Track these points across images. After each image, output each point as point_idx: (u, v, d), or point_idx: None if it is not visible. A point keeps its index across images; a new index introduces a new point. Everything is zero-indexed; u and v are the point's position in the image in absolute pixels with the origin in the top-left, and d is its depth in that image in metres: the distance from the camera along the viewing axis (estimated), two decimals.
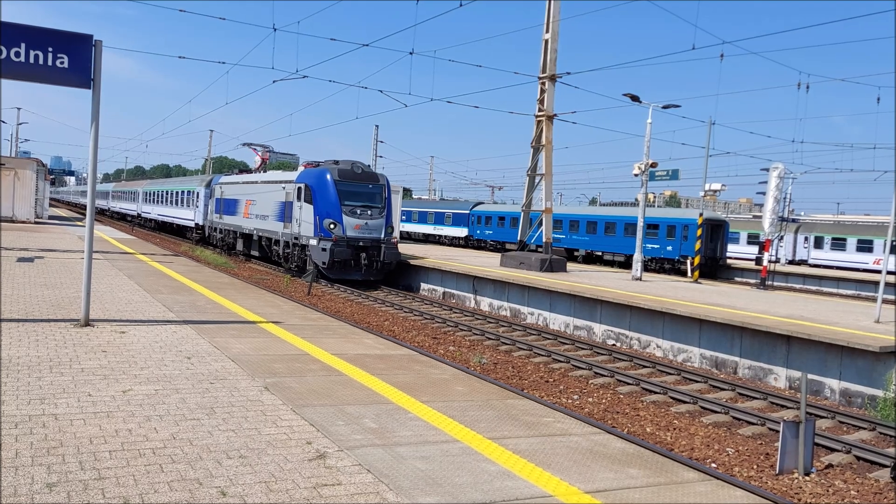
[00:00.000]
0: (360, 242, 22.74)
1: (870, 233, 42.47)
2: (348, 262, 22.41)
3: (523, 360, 13.42)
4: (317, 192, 23.01)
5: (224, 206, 32.97)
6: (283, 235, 25.33)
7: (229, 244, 32.47)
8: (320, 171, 23.54)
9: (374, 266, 22.96)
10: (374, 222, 23.15)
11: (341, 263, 22.30)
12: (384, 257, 22.96)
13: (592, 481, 4.83)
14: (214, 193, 34.78)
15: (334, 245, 22.08)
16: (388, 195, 24.01)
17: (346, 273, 22.69)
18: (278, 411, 5.92)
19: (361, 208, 23.05)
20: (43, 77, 8.27)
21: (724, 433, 9.44)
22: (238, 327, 9.83)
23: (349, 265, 22.54)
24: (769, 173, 23.93)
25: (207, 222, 36.07)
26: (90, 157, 8.80)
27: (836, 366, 11.95)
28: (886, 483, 7.85)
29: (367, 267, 22.82)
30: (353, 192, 23.15)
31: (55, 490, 4.00)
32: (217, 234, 34.14)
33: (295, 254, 24.55)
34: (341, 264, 22.33)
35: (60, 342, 7.90)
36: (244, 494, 4.16)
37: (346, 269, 22.63)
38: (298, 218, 23.87)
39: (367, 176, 23.94)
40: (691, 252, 29.46)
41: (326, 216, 22.57)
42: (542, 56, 22.98)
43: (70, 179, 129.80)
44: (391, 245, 23.54)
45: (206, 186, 36.85)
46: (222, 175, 36.66)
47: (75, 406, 5.62)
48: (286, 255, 25.38)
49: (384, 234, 23.37)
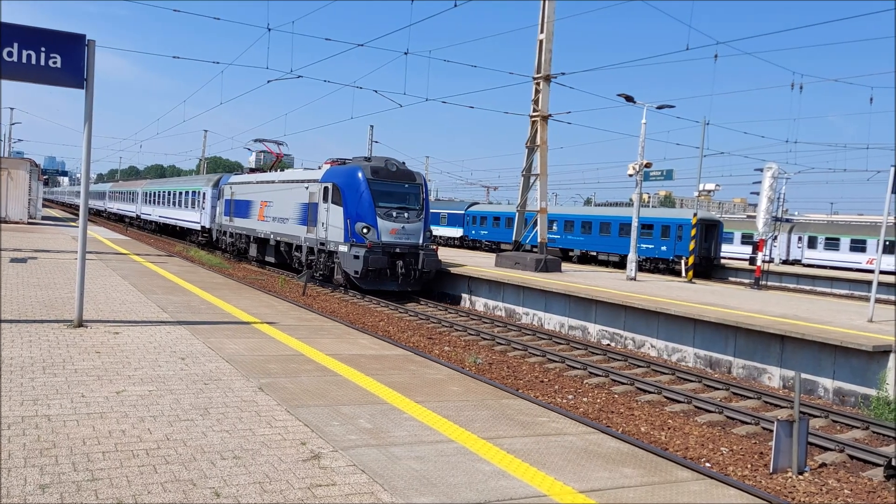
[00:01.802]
0: (397, 249, 20.39)
1: (863, 233, 42.63)
2: (383, 271, 20.12)
3: (518, 360, 13.43)
4: (347, 193, 20.78)
5: (235, 207, 30.61)
6: (307, 241, 23.14)
7: (241, 249, 30.33)
8: (351, 168, 21.30)
9: (412, 275, 20.68)
10: (411, 226, 20.88)
11: (376, 273, 20.01)
12: (423, 265, 20.62)
13: (587, 481, 4.83)
14: (223, 194, 32.41)
15: (368, 252, 19.74)
16: (425, 196, 21.73)
17: (381, 283, 20.41)
18: (273, 412, 5.91)
19: (397, 210, 20.82)
20: (36, 77, 8.24)
21: (718, 432, 9.46)
22: (232, 328, 9.81)
23: (384, 274, 20.22)
24: (763, 173, 24.02)
25: (215, 225, 33.67)
26: (83, 157, 8.78)
27: (829, 365, 11.99)
28: (880, 482, 7.88)
29: (404, 276, 20.53)
30: (388, 193, 20.91)
31: (48, 491, 3.98)
32: (227, 238, 31.81)
33: (321, 261, 22.27)
34: (376, 273, 20.05)
35: (54, 343, 7.87)
36: (238, 495, 4.15)
37: (381, 279, 20.33)
38: (325, 221, 21.64)
39: (402, 174, 21.59)
40: (686, 252, 29.53)
41: (359, 219, 20.35)
42: (537, 56, 23.00)
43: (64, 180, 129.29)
44: (430, 252, 21.17)
45: (214, 186, 34.67)
46: (232, 174, 34.31)
47: (68, 407, 5.60)
48: (310, 263, 23.26)
49: (422, 239, 21.10)
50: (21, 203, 32.13)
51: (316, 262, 22.57)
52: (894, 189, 13.96)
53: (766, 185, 23.72)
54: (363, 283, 20.25)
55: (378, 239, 20.21)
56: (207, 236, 35.45)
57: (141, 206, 51.24)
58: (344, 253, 20.50)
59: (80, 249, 8.95)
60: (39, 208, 37.42)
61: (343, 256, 20.56)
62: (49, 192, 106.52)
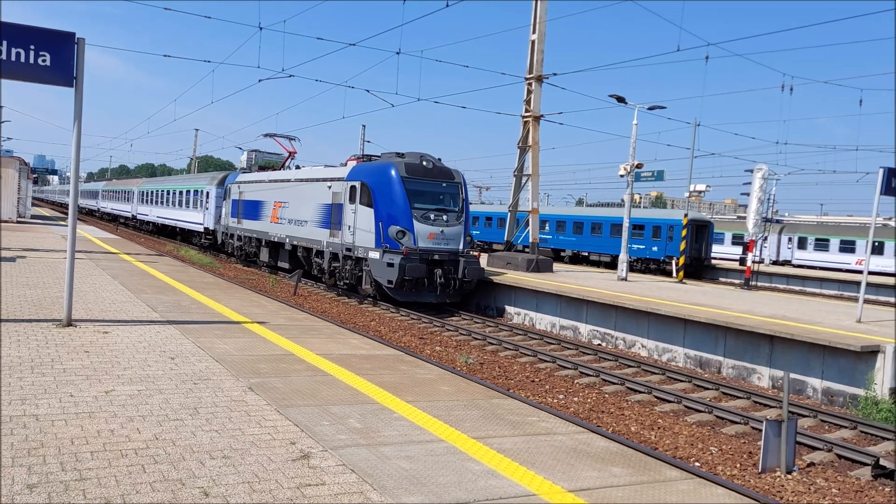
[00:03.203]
0: (435, 255, 18.36)
1: (852, 233, 42.92)
2: (420, 281, 18.03)
3: (509, 360, 13.44)
4: (379, 193, 18.62)
5: (244, 208, 28.29)
6: (330, 245, 20.88)
7: (250, 253, 28.00)
8: (383, 165, 19.14)
9: (452, 285, 18.60)
10: (450, 230, 18.77)
11: (412, 282, 17.91)
12: (464, 274, 18.56)
13: (576, 480, 4.85)
14: (230, 194, 30.02)
15: (405, 259, 17.60)
16: (465, 196, 19.65)
17: (418, 294, 18.36)
18: (262, 411, 5.90)
19: (435, 213, 18.69)
20: (25, 75, 8.19)
21: (707, 432, 9.51)
22: (223, 327, 9.79)
23: (421, 284, 18.14)
24: (753, 174, 24.15)
25: (221, 227, 31.13)
26: (73, 156, 8.73)
27: (818, 365, 12.07)
28: (867, 481, 7.93)
29: (443, 286, 18.44)
30: (425, 193, 18.79)
31: (36, 491, 3.96)
32: (234, 242, 29.40)
33: (346, 269, 20.11)
34: (412, 283, 17.95)
35: (42, 342, 7.83)
36: (227, 495, 4.14)
37: (418, 290, 18.26)
38: (352, 224, 19.46)
39: (439, 172, 19.37)
40: (676, 252, 29.64)
41: (393, 222, 18.21)
42: (529, 57, 23.04)
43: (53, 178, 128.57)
44: (472, 259, 19.07)
45: (219, 185, 32.39)
46: (240, 172, 31.62)
47: (57, 407, 5.57)
48: (333, 270, 21.12)
49: (462, 244, 19.04)
50: (10, 202, 31.93)
51: (341, 270, 20.47)
52: (883, 190, 14.06)
53: (757, 186, 23.86)
54: (398, 294, 18.19)
55: (415, 244, 18.15)
56: (211, 238, 33.24)
57: (137, 206, 49.04)
58: (375, 260, 18.32)
59: (69, 248, 8.91)
60: (29, 207, 37.22)
61: (374, 264, 18.39)
62: (38, 190, 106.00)
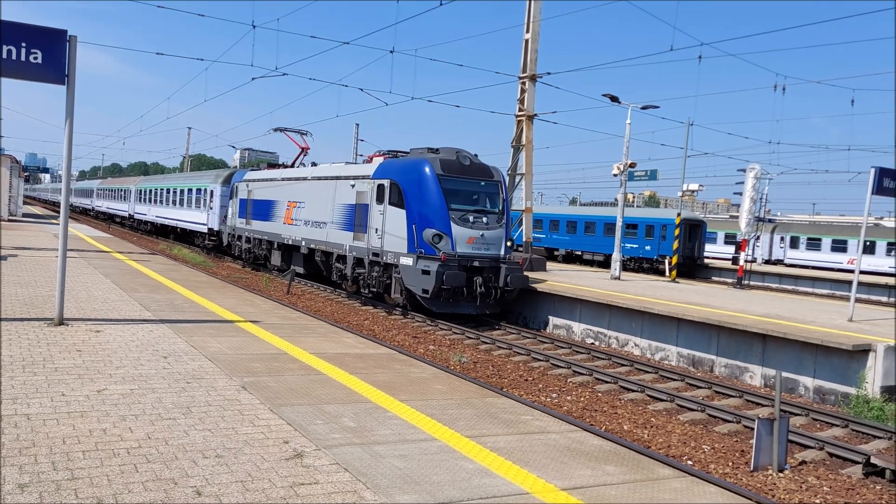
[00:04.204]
0: (475, 262, 16.55)
1: (844, 233, 43.14)
2: (459, 290, 16.27)
3: (503, 359, 13.45)
4: (411, 192, 16.96)
5: (253, 208, 26.58)
6: (354, 250, 19.09)
7: (259, 256, 26.28)
8: (415, 162, 17.42)
9: (492, 295, 16.85)
10: (491, 234, 17.02)
11: (450, 292, 16.13)
12: (506, 282, 16.70)
13: (569, 478, 4.85)
14: (238, 193, 28.27)
15: (443, 266, 15.85)
16: (505, 195, 17.96)
17: (456, 305, 16.62)
18: (256, 410, 5.89)
19: (475, 214, 16.96)
20: (16, 73, 8.14)
21: (700, 430, 9.54)
22: (216, 326, 9.76)
23: (460, 294, 16.37)
24: (746, 174, 24.22)
25: (227, 228, 29.42)
26: (64, 154, 8.70)
27: (810, 364, 12.12)
28: (859, 479, 7.97)
29: (483, 296, 16.65)
30: (463, 193, 17.11)
31: (27, 490, 3.94)
32: (241, 244, 27.71)
33: (374, 275, 18.24)
34: (451, 293, 16.17)
35: (34, 341, 7.79)
36: (220, 494, 4.13)
37: (456, 300, 16.50)
38: (381, 227, 17.71)
39: (478, 169, 17.65)
40: (669, 251, 29.72)
41: (428, 225, 16.52)
42: (523, 56, 23.06)
43: (45, 177, 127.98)
44: (514, 266, 17.31)
45: (225, 184, 30.73)
46: (248, 170, 29.79)
47: (48, 406, 5.55)
48: (356, 277, 19.22)
49: (504, 249, 17.27)
50: (1, 201, 31.75)
51: (366, 277, 18.61)
52: (875, 190, 14.14)
53: (749, 185, 23.93)
54: (433, 305, 16.47)
55: (452, 250, 16.37)
56: (216, 240, 31.62)
57: (134, 205, 47.23)
58: (408, 267, 16.63)
59: (61, 247, 8.86)
60: (20, 205, 36.99)
61: (407, 271, 16.72)
62: (30, 189, 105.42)
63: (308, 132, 27.43)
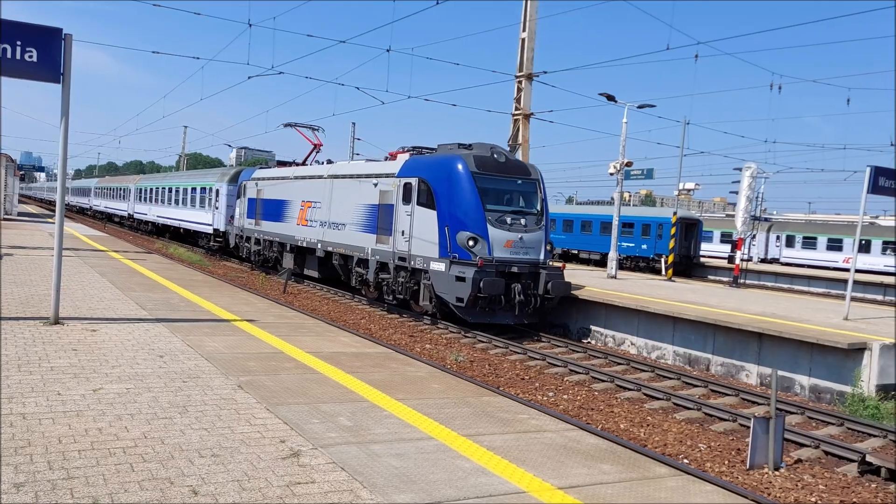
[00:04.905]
0: (514, 267, 15.25)
1: (840, 232, 43.25)
2: (497, 299, 14.91)
3: (499, 358, 13.46)
4: (443, 191, 15.64)
5: (263, 208, 25.31)
6: (377, 253, 17.76)
7: (270, 259, 24.91)
8: (446, 158, 16.09)
9: (532, 302, 15.47)
10: (530, 236, 15.70)
11: (487, 300, 14.85)
12: (546, 289, 15.41)
13: (566, 477, 4.86)
14: (246, 192, 26.89)
15: (479, 273, 14.52)
16: (544, 195, 16.63)
17: (493, 314, 15.33)
18: (252, 410, 5.88)
19: (512, 216, 15.66)
20: (11, 71, 8.12)
21: (696, 429, 9.56)
22: (212, 325, 9.75)
23: (497, 302, 15.02)
24: (742, 173, 24.28)
25: (234, 229, 28.02)
26: (60, 153, 8.68)
27: (806, 362, 12.15)
28: (854, 477, 8.00)
29: (522, 304, 15.30)
30: (499, 192, 15.89)
31: (23, 490, 3.93)
32: (250, 246, 26.35)
33: (400, 281, 16.97)
34: (488, 301, 14.88)
35: (29, 340, 7.77)
36: (216, 493, 4.12)
37: (492, 309, 15.20)
38: (407, 229, 16.46)
39: (514, 166, 16.51)
40: (666, 250, 29.77)
41: (461, 227, 15.19)
42: (519, 55, 23.07)
43: (40, 175, 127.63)
44: (555, 271, 15.97)
45: (231, 182, 29.56)
46: (256, 168, 28.48)
47: (44, 405, 5.53)
48: (380, 282, 17.94)
49: (543, 254, 16.00)
50: None
51: (391, 283, 17.32)
52: (870, 189, 14.18)
53: (745, 184, 23.98)
54: (468, 315, 15.17)
55: (489, 254, 15.08)
56: (221, 241, 30.36)
57: (134, 205, 45.88)
58: (440, 273, 15.30)
59: (57, 246, 8.84)
60: (15, 204, 36.91)
61: (438, 277, 15.39)
62: (26, 187, 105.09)
63: (320, 127, 26.19)
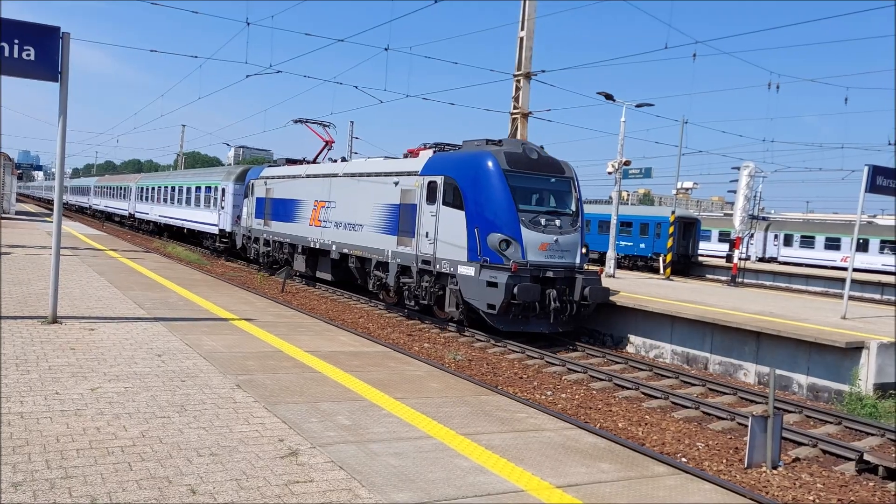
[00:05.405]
0: (549, 272, 14.22)
1: (837, 231, 43.32)
2: (531, 306, 13.88)
3: (498, 357, 13.46)
4: (472, 190, 14.61)
5: (272, 208, 24.34)
6: (398, 256, 16.75)
7: (279, 261, 23.91)
8: (475, 155, 15.07)
9: (568, 309, 14.43)
10: (565, 238, 14.65)
11: (522, 308, 13.83)
12: (584, 295, 14.38)
13: (564, 476, 4.86)
14: (254, 191, 25.89)
15: (513, 278, 13.54)
16: (579, 194, 15.63)
17: (526, 322, 14.25)
18: (250, 408, 5.88)
19: (546, 216, 14.62)
20: (9, 70, 8.10)
21: (694, 428, 9.57)
22: (210, 324, 9.74)
23: (532, 309, 13.96)
24: (740, 172, 24.32)
25: (241, 229, 27.02)
26: (57, 152, 8.66)
27: (804, 361, 12.17)
28: (852, 476, 8.01)
29: (557, 311, 14.22)
30: (533, 191, 14.97)
31: (20, 489, 3.93)
32: (259, 247, 25.28)
33: (423, 286, 15.92)
34: (521, 309, 13.85)
35: (27, 340, 7.76)
36: (215, 492, 4.12)
37: (526, 316, 14.12)
38: (432, 231, 15.42)
39: (547, 164, 15.39)
40: (664, 249, 29.80)
41: (493, 229, 14.15)
42: (518, 54, 23.04)
43: (38, 174, 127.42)
44: (592, 276, 14.86)
45: (238, 181, 28.84)
46: (265, 166, 27.59)
47: (42, 404, 5.53)
48: (400, 287, 16.87)
49: (579, 257, 14.93)
50: None
51: (414, 287, 16.28)
52: (868, 188, 14.20)
53: (744, 183, 24.01)
54: (500, 323, 14.11)
55: (523, 258, 14.02)
56: (227, 242, 29.55)
57: (135, 204, 44.90)
58: (468, 277, 14.32)
59: (55, 245, 8.83)
60: (13, 203, 36.86)
61: (466, 282, 14.40)
62: (23, 186, 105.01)
63: (331, 123, 25.26)
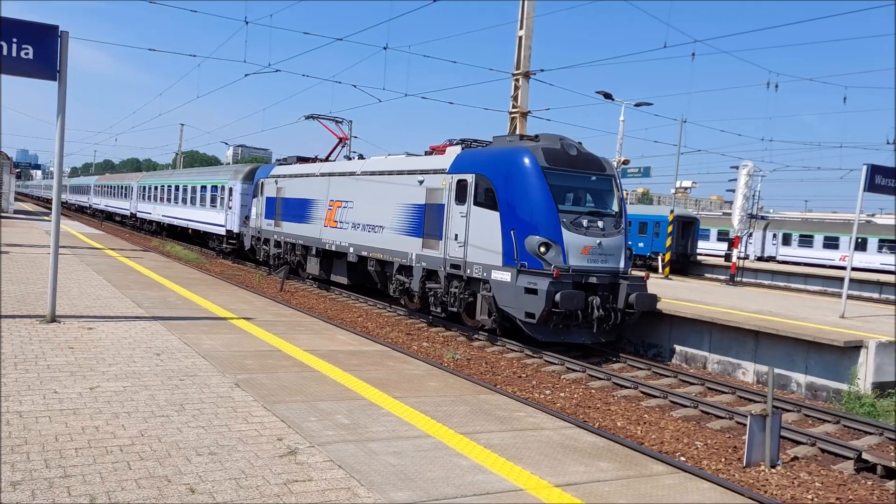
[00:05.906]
0: (592, 278, 13.01)
1: (836, 230, 43.35)
2: (574, 314, 12.69)
3: (497, 356, 13.46)
4: (507, 189, 13.47)
5: (283, 208, 23.22)
6: (423, 260, 15.64)
7: (291, 263, 22.74)
8: (511, 151, 13.93)
9: (612, 318, 13.31)
10: (609, 241, 13.49)
11: (563, 316, 12.65)
12: (628, 302, 13.19)
13: (563, 475, 4.87)
14: (264, 190, 24.71)
15: (555, 284, 12.40)
16: (621, 193, 14.56)
17: (567, 332, 13.14)
18: (249, 408, 5.88)
19: (588, 218, 13.45)
20: (8, 68, 8.10)
21: (693, 427, 9.57)
22: (209, 323, 9.74)
23: (574, 318, 12.78)
24: (739, 171, 24.34)
25: (250, 230, 25.97)
26: (56, 151, 8.65)
27: (802, 360, 12.18)
28: (850, 475, 8.02)
29: (601, 320, 13.09)
30: (573, 190, 13.83)
31: (19, 488, 3.93)
32: (269, 248, 24.27)
33: (452, 292, 14.81)
34: (563, 317, 12.69)
35: (26, 339, 7.76)
36: (213, 491, 4.12)
37: (567, 325, 12.98)
38: (463, 233, 14.30)
39: (587, 160, 14.13)
40: (662, 248, 29.83)
41: (531, 231, 13.04)
42: (517, 53, 23.04)
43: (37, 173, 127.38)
44: (637, 281, 13.72)
45: (246, 180, 28.02)
46: (275, 164, 26.60)
47: (41, 403, 5.52)
48: (426, 293, 15.80)
49: (624, 261, 13.83)
50: None
51: (442, 293, 15.16)
52: (867, 187, 14.21)
53: (742, 182, 24.03)
54: (540, 333, 13.02)
55: (565, 262, 12.92)
56: (235, 243, 28.72)
57: (137, 203, 44.05)
58: (504, 283, 13.21)
59: (53, 243, 8.82)
60: (11, 202, 36.82)
61: (502, 289, 13.29)
62: (22, 185, 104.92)
63: (344, 119, 24.33)
